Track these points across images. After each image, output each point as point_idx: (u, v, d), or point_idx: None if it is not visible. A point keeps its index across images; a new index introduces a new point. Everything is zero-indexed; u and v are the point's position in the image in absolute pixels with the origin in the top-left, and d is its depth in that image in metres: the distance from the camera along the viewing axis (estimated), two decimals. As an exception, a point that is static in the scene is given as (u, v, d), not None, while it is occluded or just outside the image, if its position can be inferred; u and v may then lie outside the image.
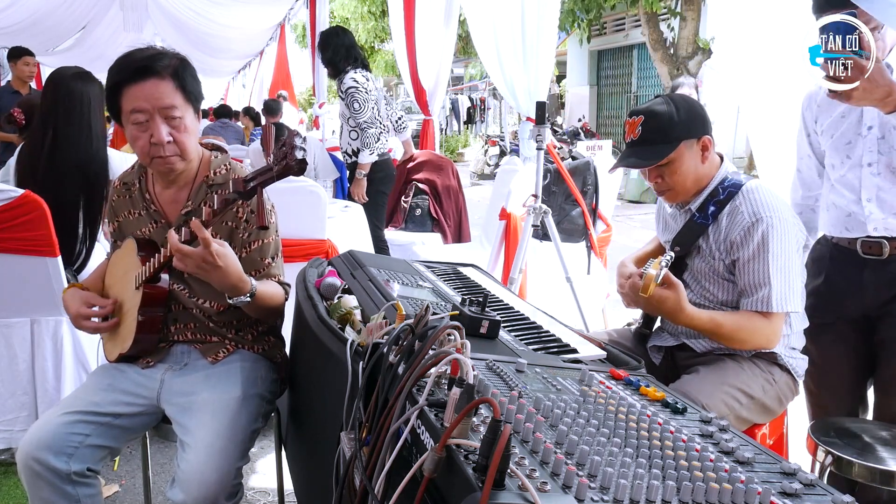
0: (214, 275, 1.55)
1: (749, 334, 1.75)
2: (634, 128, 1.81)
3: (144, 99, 1.61)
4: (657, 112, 1.79)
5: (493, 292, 1.86)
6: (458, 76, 23.22)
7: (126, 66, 1.63)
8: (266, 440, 2.69)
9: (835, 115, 1.95)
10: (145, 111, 1.62)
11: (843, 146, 1.94)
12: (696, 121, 1.80)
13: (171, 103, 1.63)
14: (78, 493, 1.61)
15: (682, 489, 0.85)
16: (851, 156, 1.92)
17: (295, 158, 1.42)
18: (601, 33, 14.65)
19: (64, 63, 3.00)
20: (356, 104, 3.90)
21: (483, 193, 10.99)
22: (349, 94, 3.91)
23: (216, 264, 1.52)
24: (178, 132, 1.65)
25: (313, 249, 2.78)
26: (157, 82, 1.62)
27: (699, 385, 1.74)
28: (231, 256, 1.57)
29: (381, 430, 0.98)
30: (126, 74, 1.62)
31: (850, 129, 1.92)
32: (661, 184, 1.85)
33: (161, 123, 1.63)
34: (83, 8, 8.19)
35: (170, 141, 1.64)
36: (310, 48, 7.97)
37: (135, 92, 1.61)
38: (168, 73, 1.63)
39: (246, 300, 1.65)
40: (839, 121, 1.94)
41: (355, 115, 3.91)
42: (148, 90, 1.61)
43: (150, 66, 1.62)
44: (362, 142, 3.90)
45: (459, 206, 4.55)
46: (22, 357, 2.46)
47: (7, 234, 2.30)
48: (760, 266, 1.73)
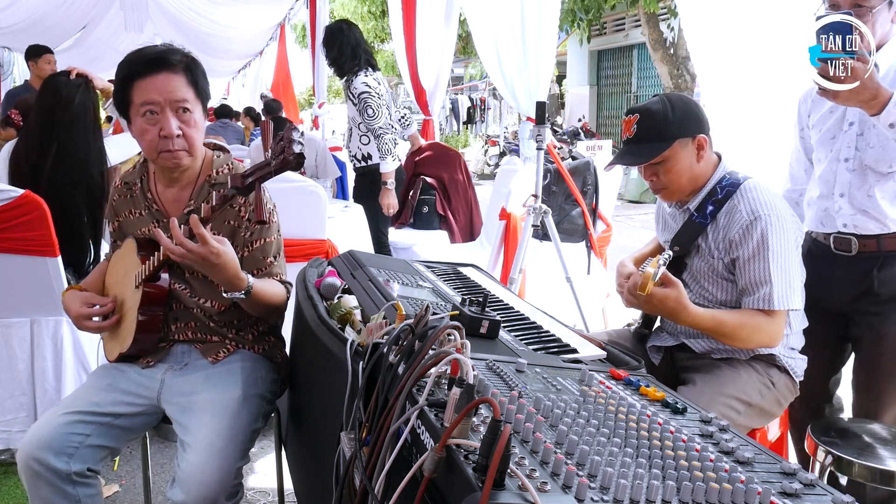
0: (212, 270, 1.58)
1: (751, 332, 1.75)
2: (630, 126, 1.83)
3: (156, 91, 1.62)
4: (652, 111, 1.80)
5: (493, 292, 1.86)
6: (458, 76, 23.21)
7: (138, 59, 1.65)
8: (266, 440, 2.69)
9: (824, 111, 1.99)
10: (157, 103, 1.63)
11: (828, 141, 1.97)
12: (691, 120, 1.81)
13: (182, 97, 1.64)
14: (78, 494, 1.61)
15: (682, 489, 0.85)
16: (833, 150, 1.96)
17: (293, 152, 1.42)
18: (601, 33, 14.66)
19: (64, 63, 3.01)
20: (370, 110, 3.78)
21: (483, 193, 10.95)
22: (362, 99, 3.80)
23: (213, 262, 1.54)
24: (188, 126, 1.66)
25: (313, 249, 2.79)
26: (169, 75, 1.63)
27: (696, 397, 1.73)
28: (229, 254, 1.58)
29: (381, 430, 0.98)
30: (138, 67, 1.63)
31: (835, 124, 1.95)
32: (657, 182, 1.85)
33: (172, 116, 1.64)
34: (83, 8, 8.18)
35: (179, 135, 1.65)
36: (310, 48, 7.96)
37: (147, 85, 1.62)
38: (181, 68, 1.65)
39: (241, 296, 1.66)
40: (827, 116, 1.98)
41: (369, 120, 3.79)
42: (160, 83, 1.62)
43: (164, 59, 1.63)
44: (379, 148, 3.79)
45: (469, 200, 4.44)
46: (22, 357, 2.46)
47: (7, 234, 2.30)
48: (761, 264, 1.73)
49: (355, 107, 3.85)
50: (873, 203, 1.89)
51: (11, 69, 10.49)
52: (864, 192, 1.90)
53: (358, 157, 3.96)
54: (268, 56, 12.20)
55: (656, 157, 1.79)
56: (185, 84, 1.65)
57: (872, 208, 1.90)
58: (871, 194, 1.89)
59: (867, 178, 1.89)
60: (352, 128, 3.97)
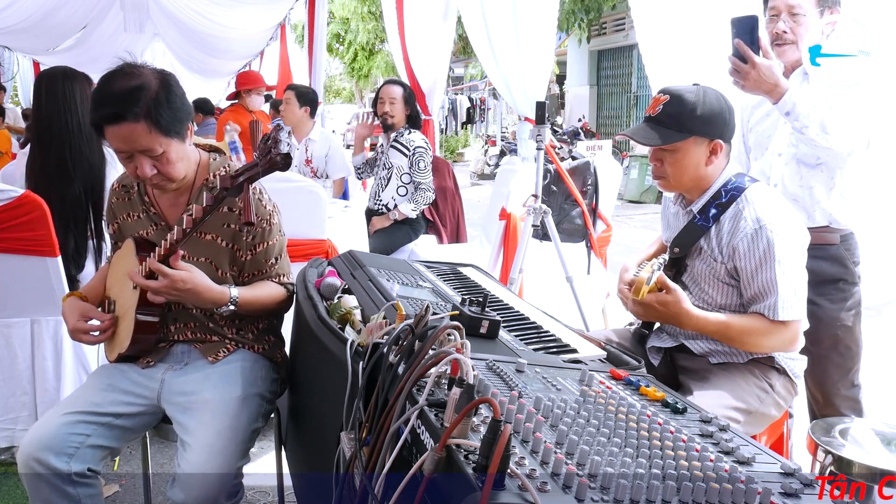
0: (185, 296, 1.64)
1: (760, 338, 1.74)
2: (657, 105, 1.80)
3: (122, 141, 1.59)
4: (684, 99, 1.76)
5: (492, 292, 1.86)
6: (458, 76, 23.22)
7: (101, 104, 1.59)
8: (266, 440, 2.69)
9: (761, 115, 2.24)
10: (126, 151, 1.61)
11: (764, 140, 2.23)
12: (717, 122, 1.78)
13: (147, 146, 1.59)
14: (78, 494, 1.61)
15: (682, 489, 0.85)
16: (768, 147, 2.20)
17: (279, 153, 1.43)
18: (601, 33, 14.66)
19: (64, 62, 3.01)
20: (422, 164, 3.98)
21: (483, 193, 10.98)
22: (417, 153, 3.97)
23: (184, 289, 1.59)
24: (162, 164, 1.63)
25: (313, 249, 2.78)
26: (131, 126, 1.56)
27: None
28: (197, 278, 1.62)
29: (381, 430, 0.98)
30: (101, 118, 1.59)
31: (771, 125, 2.20)
32: (660, 168, 1.84)
33: (143, 160, 1.61)
34: (84, 8, 8.17)
35: (154, 173, 1.63)
36: (307, 48, 7.94)
37: (113, 133, 1.58)
38: (141, 116, 1.55)
39: (230, 309, 1.69)
40: (764, 118, 2.23)
41: (419, 174, 3.98)
42: (125, 133, 1.57)
43: (122, 114, 1.55)
44: (415, 200, 3.99)
45: (456, 209, 4.55)
46: (22, 357, 2.46)
47: (7, 234, 2.30)
48: (768, 275, 1.72)
49: (406, 157, 3.98)
50: (806, 193, 2.12)
51: (11, 69, 10.50)
52: (796, 184, 2.13)
53: (388, 204, 4.06)
54: (268, 56, 12.18)
55: (668, 144, 1.77)
56: (148, 131, 1.57)
57: (803, 198, 2.12)
58: (803, 185, 2.12)
59: (799, 170, 2.13)
60: (391, 175, 4.05)
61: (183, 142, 1.66)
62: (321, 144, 4.39)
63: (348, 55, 22.46)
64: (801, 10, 2.07)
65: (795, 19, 2.08)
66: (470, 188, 12.95)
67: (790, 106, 1.94)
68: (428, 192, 4.02)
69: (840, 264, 2.13)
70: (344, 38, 21.76)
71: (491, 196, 4.79)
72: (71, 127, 2.55)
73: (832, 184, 2.11)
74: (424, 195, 4.01)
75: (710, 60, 2.37)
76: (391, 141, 4.04)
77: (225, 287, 1.69)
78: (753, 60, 1.93)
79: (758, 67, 1.93)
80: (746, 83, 1.97)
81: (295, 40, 12.85)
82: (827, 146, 1.96)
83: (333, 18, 19.63)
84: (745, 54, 1.94)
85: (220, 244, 1.75)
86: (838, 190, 2.12)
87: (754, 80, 1.95)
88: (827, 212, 2.11)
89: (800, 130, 1.96)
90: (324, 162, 4.38)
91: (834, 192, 2.12)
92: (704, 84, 1.83)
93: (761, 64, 1.93)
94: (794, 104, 1.93)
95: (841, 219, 2.12)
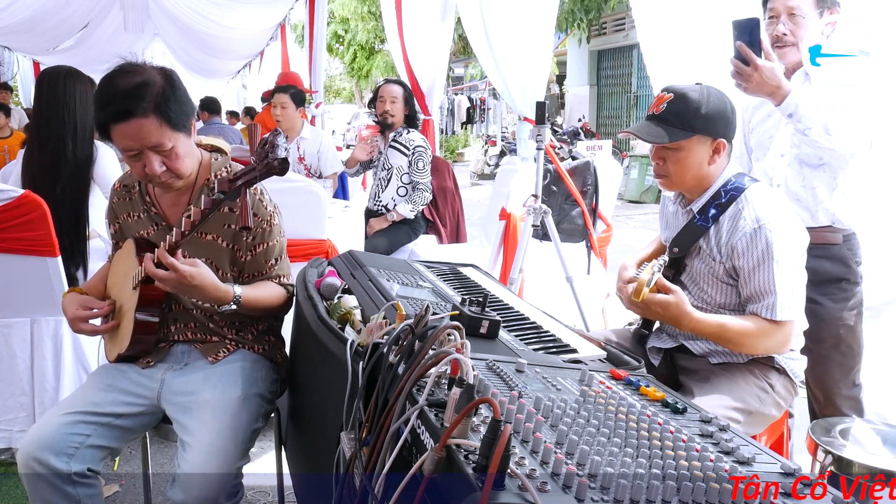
0: (191, 292, 1.63)
1: (756, 339, 1.74)
2: (660, 103, 1.79)
3: (131, 139, 1.58)
4: (688, 98, 1.76)
5: (492, 292, 1.86)
6: (458, 76, 23.22)
7: (108, 103, 1.58)
8: (266, 440, 2.69)
9: (763, 115, 2.24)
10: (135, 149, 1.60)
11: (766, 140, 2.23)
12: (720, 121, 1.78)
13: (157, 141, 1.59)
14: (78, 494, 1.61)
15: (682, 489, 0.85)
16: (770, 148, 2.20)
17: (277, 157, 1.42)
18: (601, 33, 14.65)
19: (64, 62, 3.00)
20: (421, 163, 3.98)
21: (483, 193, 10.98)
22: (417, 152, 3.96)
23: (191, 284, 1.58)
24: (171, 160, 1.63)
25: (313, 249, 2.78)
26: (140, 122, 1.56)
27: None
28: (204, 274, 1.60)
29: (381, 430, 0.98)
30: (108, 116, 1.58)
31: (773, 125, 2.20)
32: (662, 167, 1.83)
33: (152, 156, 1.61)
34: (84, 8, 8.18)
35: (164, 170, 1.64)
36: (307, 48, 7.94)
37: (121, 131, 1.58)
38: (150, 111, 1.56)
39: (232, 307, 1.69)
40: (766, 119, 2.23)
41: (418, 173, 3.98)
42: (133, 130, 1.57)
43: (131, 109, 1.55)
44: (414, 200, 3.99)
45: (456, 209, 4.55)
46: (22, 357, 2.46)
47: (7, 234, 2.30)
48: (766, 274, 1.72)
49: (405, 157, 3.98)
50: (809, 193, 2.12)
51: (12, 69, 10.50)
52: (799, 184, 2.13)
53: (387, 204, 4.06)
54: (268, 56, 12.19)
55: (671, 142, 1.76)
56: (158, 126, 1.58)
57: (805, 199, 2.12)
58: (806, 185, 2.12)
59: (802, 170, 2.12)
60: (391, 176, 4.04)
61: (189, 137, 1.68)
62: (312, 141, 4.41)
63: (348, 55, 22.48)
64: (800, 11, 2.07)
65: (795, 21, 2.09)
66: (470, 188, 12.95)
67: (793, 108, 1.94)
68: (426, 192, 4.02)
69: (842, 264, 2.14)
70: (344, 37, 21.78)
71: (491, 196, 4.78)
72: (67, 125, 2.55)
73: (835, 184, 2.12)
74: (422, 195, 4.01)
75: (712, 60, 2.38)
76: (390, 141, 4.03)
77: (229, 285, 1.69)
78: (755, 63, 1.93)
79: (760, 70, 1.93)
80: (749, 86, 1.98)
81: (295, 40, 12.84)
82: (830, 147, 1.96)
83: (333, 18, 19.64)
84: (746, 57, 1.94)
85: (221, 244, 1.75)
86: (841, 190, 2.12)
87: (757, 83, 1.95)
88: (829, 212, 2.12)
89: (803, 132, 1.96)
90: (316, 158, 4.39)
91: (836, 192, 2.12)
92: (707, 83, 1.83)
93: (763, 66, 1.93)
94: (797, 106, 1.93)
95: (843, 219, 2.13)
